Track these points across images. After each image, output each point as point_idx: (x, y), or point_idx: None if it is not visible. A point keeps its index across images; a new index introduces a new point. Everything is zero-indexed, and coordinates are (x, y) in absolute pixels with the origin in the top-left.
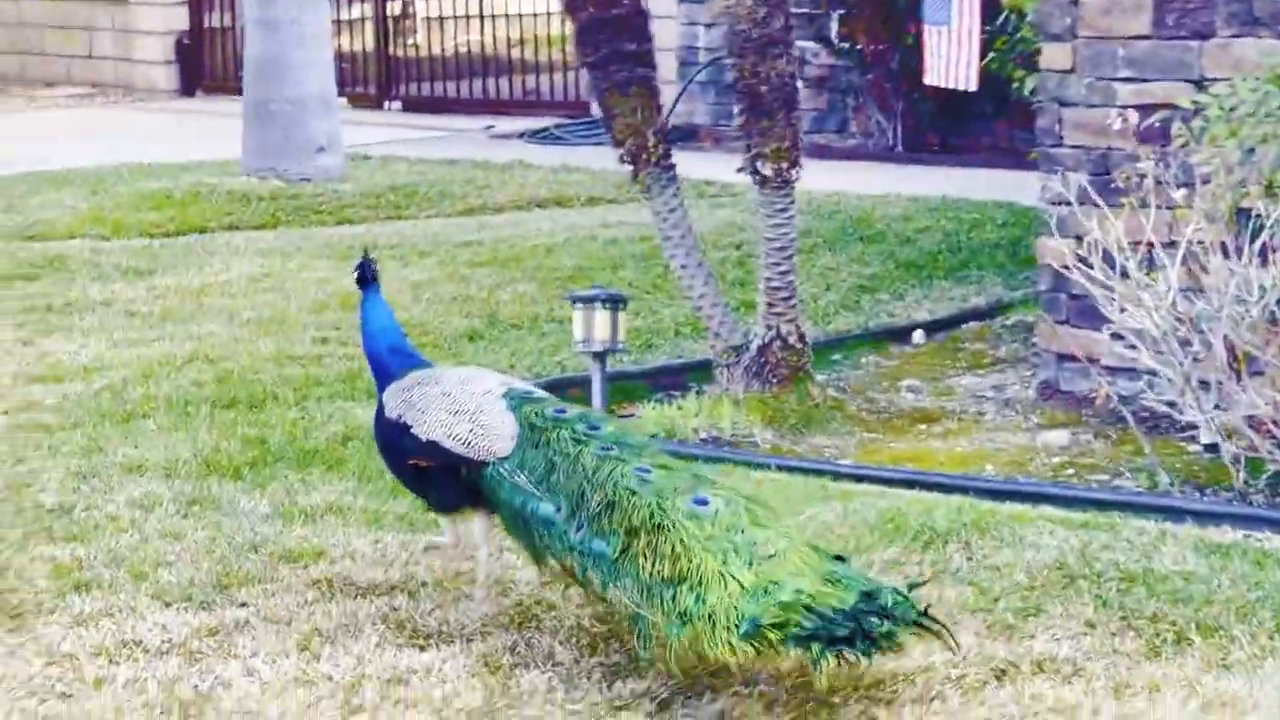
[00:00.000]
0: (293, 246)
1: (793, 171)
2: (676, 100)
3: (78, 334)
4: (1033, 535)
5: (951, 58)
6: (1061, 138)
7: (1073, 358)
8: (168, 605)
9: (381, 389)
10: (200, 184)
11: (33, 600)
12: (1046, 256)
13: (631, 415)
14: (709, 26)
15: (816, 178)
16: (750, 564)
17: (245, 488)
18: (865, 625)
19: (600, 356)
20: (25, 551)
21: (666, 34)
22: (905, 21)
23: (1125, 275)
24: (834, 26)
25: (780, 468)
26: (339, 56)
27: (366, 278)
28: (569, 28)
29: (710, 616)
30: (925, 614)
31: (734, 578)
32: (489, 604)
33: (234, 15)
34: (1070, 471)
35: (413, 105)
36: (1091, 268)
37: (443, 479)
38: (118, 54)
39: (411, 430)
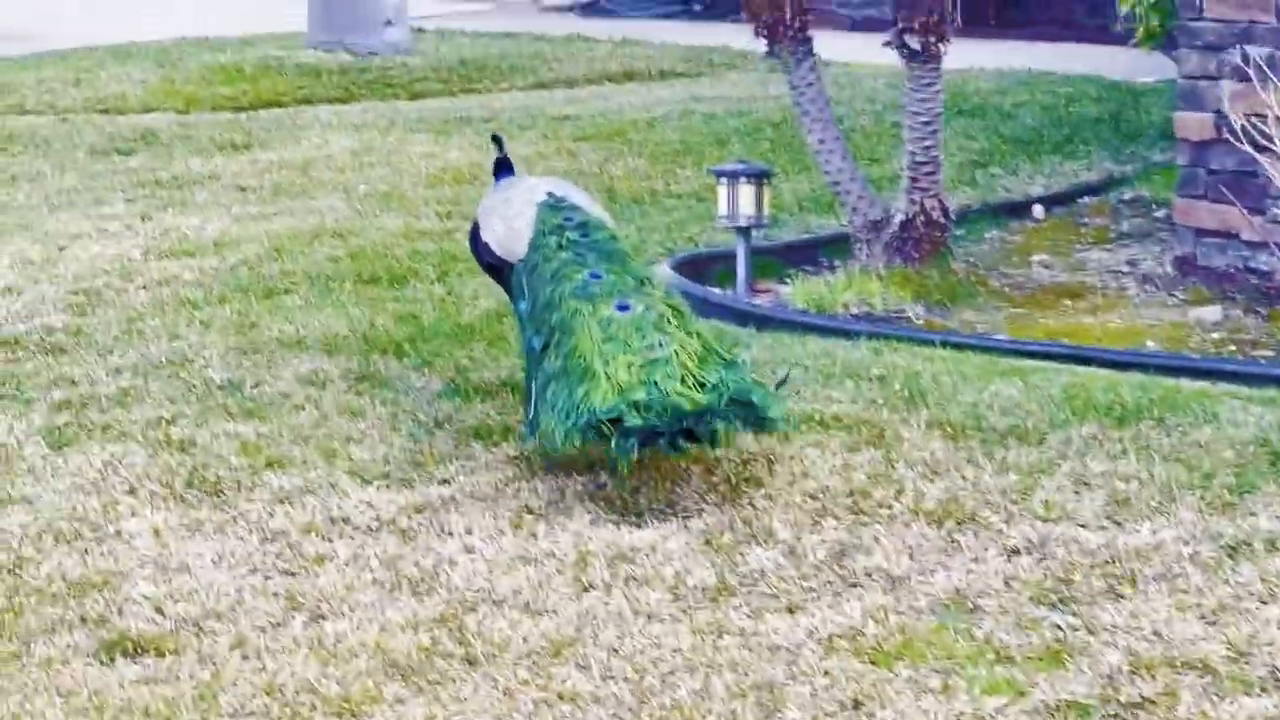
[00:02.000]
0: (384, 120)
1: (940, 46)
2: None
3: (194, 208)
4: (1226, 412)
5: None
6: (1202, 10)
7: (1211, 233)
8: (367, 482)
9: None
10: (268, 57)
11: (230, 477)
12: (1186, 131)
13: (769, 291)
14: None
15: (883, 51)
16: (631, 366)
17: (412, 364)
18: (690, 425)
19: (744, 232)
20: (207, 427)
21: None
22: None
23: None
24: None
25: (945, 344)
26: None
27: (503, 167)
28: None
29: (566, 409)
30: (768, 419)
31: (608, 375)
32: None
33: None
34: (1232, 347)
35: None
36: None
37: (501, 278)
38: None
39: (479, 232)
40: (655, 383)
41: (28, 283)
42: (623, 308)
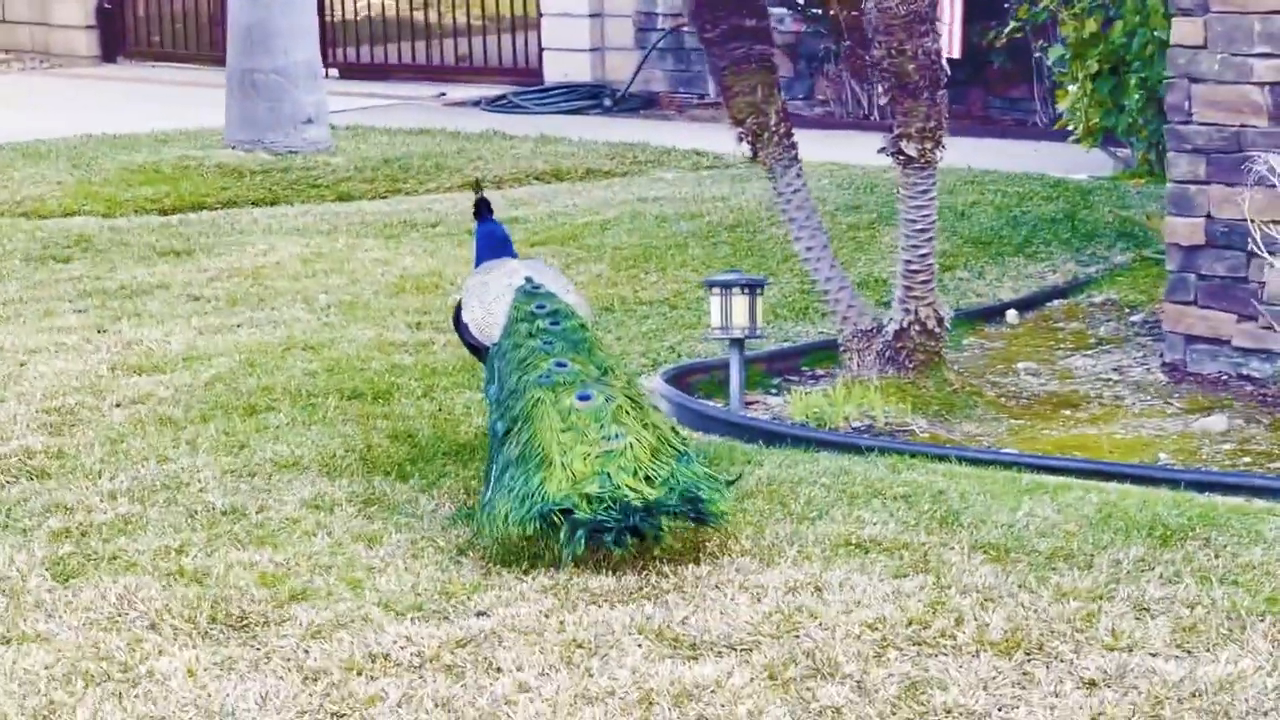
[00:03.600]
0: (325, 225)
1: (936, 152)
2: (639, 67)
3: (151, 320)
4: (1269, 531)
5: None
6: (1191, 115)
7: (1201, 339)
8: (400, 615)
9: None
10: (186, 157)
11: (255, 610)
12: (1176, 236)
13: (757, 403)
14: None
15: (807, 147)
16: (587, 456)
17: (419, 486)
18: (635, 520)
19: (738, 343)
20: (219, 556)
21: None
22: None
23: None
24: None
25: (962, 459)
26: None
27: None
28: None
29: (521, 495)
30: (712, 514)
31: (564, 466)
32: None
33: None
34: (1247, 459)
35: (350, 72)
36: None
37: (482, 358)
38: (33, 18)
39: (460, 313)
40: (608, 474)
41: None
42: (584, 397)
